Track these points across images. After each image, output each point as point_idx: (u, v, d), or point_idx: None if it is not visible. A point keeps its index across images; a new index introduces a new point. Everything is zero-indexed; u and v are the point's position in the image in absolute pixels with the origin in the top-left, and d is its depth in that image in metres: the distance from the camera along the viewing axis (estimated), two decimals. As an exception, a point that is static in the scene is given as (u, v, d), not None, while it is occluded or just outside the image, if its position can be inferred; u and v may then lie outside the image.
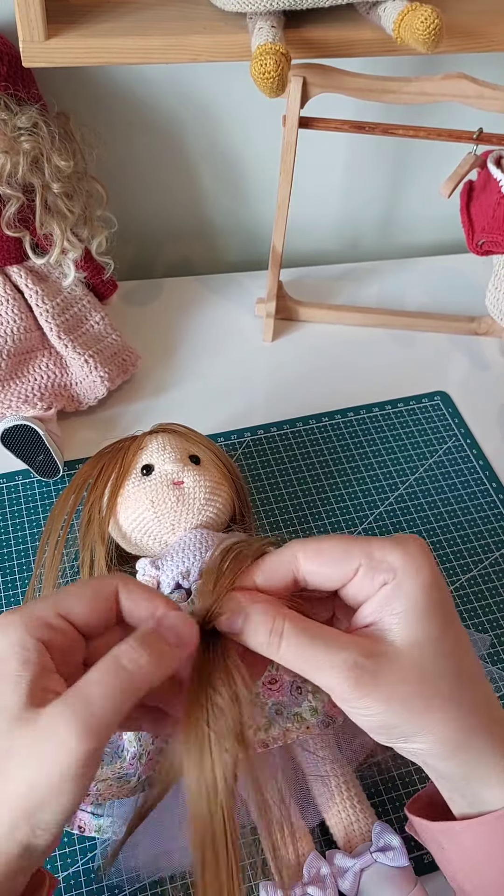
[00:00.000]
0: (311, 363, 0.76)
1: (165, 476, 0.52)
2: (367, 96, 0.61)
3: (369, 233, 0.91)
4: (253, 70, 0.52)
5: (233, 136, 0.77)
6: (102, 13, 0.59)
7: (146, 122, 0.74)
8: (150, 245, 0.85)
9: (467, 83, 0.60)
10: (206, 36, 0.58)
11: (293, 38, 0.57)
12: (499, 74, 0.66)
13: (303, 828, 0.47)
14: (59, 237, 0.63)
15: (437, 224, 0.90)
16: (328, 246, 0.90)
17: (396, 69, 0.72)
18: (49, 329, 0.66)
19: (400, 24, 0.54)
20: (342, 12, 0.59)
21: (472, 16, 0.60)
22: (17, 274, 0.65)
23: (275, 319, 0.76)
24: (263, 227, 0.84)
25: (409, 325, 0.79)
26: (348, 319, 0.79)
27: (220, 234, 0.86)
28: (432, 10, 0.52)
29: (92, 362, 0.67)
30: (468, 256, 0.72)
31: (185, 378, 0.73)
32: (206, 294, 0.81)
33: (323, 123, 0.64)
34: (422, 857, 0.48)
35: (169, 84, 0.72)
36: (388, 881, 0.44)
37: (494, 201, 0.65)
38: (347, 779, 0.48)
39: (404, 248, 0.92)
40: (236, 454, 0.67)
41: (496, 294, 0.71)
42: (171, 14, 0.60)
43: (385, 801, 0.50)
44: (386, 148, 0.81)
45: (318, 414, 0.71)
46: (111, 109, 0.72)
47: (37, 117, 0.60)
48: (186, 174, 0.80)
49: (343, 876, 0.45)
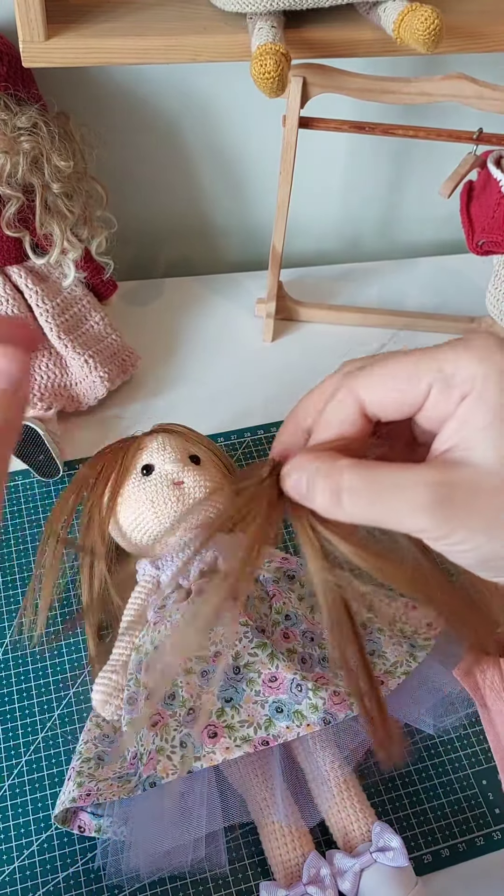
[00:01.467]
0: (311, 363, 0.76)
1: (165, 476, 0.52)
2: (367, 96, 0.61)
3: (369, 233, 0.91)
4: (253, 70, 0.52)
5: (233, 136, 0.77)
6: (102, 13, 0.59)
7: (146, 122, 0.74)
8: (150, 245, 0.85)
9: (467, 83, 0.60)
10: (206, 36, 0.58)
11: (293, 38, 0.57)
12: (499, 74, 0.66)
13: (303, 828, 0.47)
14: (59, 237, 0.63)
15: (437, 224, 0.90)
16: (328, 246, 0.90)
17: (396, 69, 0.72)
18: (49, 329, 0.66)
19: (400, 24, 0.54)
20: (342, 12, 0.59)
21: (472, 16, 0.60)
22: (17, 274, 0.65)
23: (275, 319, 0.76)
24: (263, 227, 0.84)
25: (410, 326, 0.79)
26: (348, 320, 0.79)
27: (220, 234, 0.86)
28: (432, 11, 0.52)
29: (92, 362, 0.67)
30: (468, 256, 0.72)
31: (185, 378, 0.73)
32: (206, 294, 0.81)
33: (323, 123, 0.64)
34: (422, 858, 0.48)
35: (169, 84, 0.72)
36: (387, 881, 0.44)
37: (494, 201, 0.65)
38: (347, 779, 0.48)
39: (404, 248, 0.92)
40: (236, 454, 0.67)
41: (496, 294, 0.71)
42: (170, 14, 0.60)
43: (385, 801, 0.50)
44: (386, 148, 0.81)
45: (318, 414, 0.71)
46: (111, 109, 0.72)
47: (37, 117, 0.60)
48: (186, 174, 0.80)
49: (343, 876, 0.45)
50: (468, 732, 0.53)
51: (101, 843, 0.46)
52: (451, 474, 0.27)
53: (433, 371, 0.28)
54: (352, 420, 0.30)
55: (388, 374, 0.29)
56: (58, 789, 0.49)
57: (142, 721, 0.46)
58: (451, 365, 0.28)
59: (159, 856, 0.43)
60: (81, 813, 0.47)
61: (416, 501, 0.27)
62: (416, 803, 0.50)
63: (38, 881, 0.46)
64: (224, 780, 0.47)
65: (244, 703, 0.46)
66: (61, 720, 0.52)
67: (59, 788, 0.49)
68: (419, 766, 0.51)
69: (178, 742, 0.45)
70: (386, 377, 0.29)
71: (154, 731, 0.45)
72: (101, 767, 0.47)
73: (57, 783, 0.50)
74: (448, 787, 0.51)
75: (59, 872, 0.47)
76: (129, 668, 0.50)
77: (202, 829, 0.43)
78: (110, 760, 0.48)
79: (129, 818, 0.45)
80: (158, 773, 0.43)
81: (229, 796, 0.46)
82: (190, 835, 0.43)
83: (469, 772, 0.51)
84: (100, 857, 0.46)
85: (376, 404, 0.29)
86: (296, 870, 0.45)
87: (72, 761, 0.48)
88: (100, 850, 0.46)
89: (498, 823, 0.49)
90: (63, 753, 0.51)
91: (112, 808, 0.45)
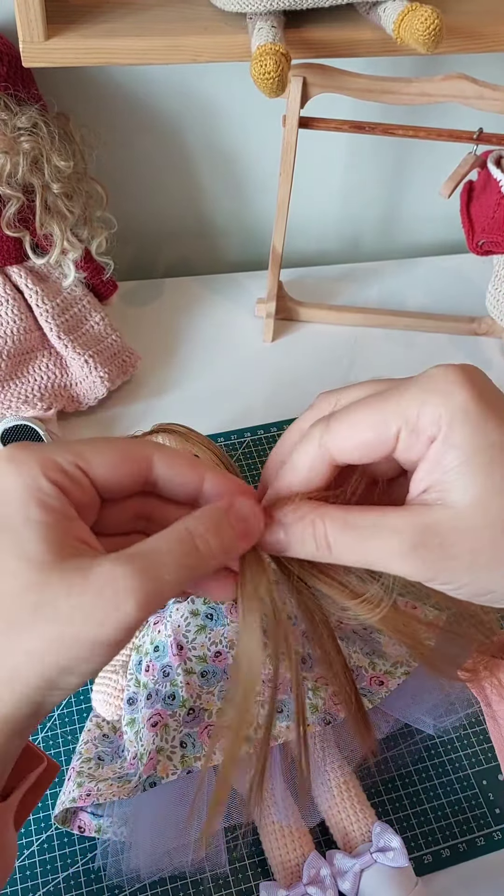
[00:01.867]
0: (311, 363, 0.76)
1: (165, 476, 0.52)
2: (367, 96, 0.61)
3: (369, 233, 0.91)
4: (253, 70, 0.52)
5: (233, 136, 0.77)
6: (102, 13, 0.59)
7: (146, 122, 0.74)
8: (150, 245, 0.85)
9: (467, 84, 0.60)
10: (206, 36, 0.58)
11: (293, 38, 0.57)
12: (499, 74, 0.66)
13: (303, 828, 0.47)
14: (59, 237, 0.63)
15: (437, 224, 0.90)
16: (328, 246, 0.90)
17: (396, 69, 0.72)
18: (49, 329, 0.66)
19: (400, 24, 0.54)
20: (342, 12, 0.59)
21: (472, 16, 0.60)
22: (17, 274, 0.65)
23: (275, 320, 0.76)
24: (263, 227, 0.84)
25: (410, 326, 0.79)
26: (348, 320, 0.79)
27: (220, 234, 0.86)
28: (432, 11, 0.52)
29: (92, 362, 0.67)
30: (468, 256, 0.72)
31: (185, 378, 0.73)
32: (206, 294, 0.81)
33: (323, 123, 0.64)
34: (422, 858, 0.48)
35: (169, 84, 0.72)
36: (388, 881, 0.44)
37: (494, 201, 0.65)
38: (347, 779, 0.48)
39: (405, 249, 0.92)
40: (236, 454, 0.67)
41: (496, 294, 0.71)
42: (171, 15, 0.60)
43: (385, 801, 0.50)
44: (386, 148, 0.81)
45: (318, 414, 0.71)
46: (111, 110, 0.72)
47: (37, 117, 0.60)
48: (186, 174, 0.80)
49: (343, 876, 0.45)
50: (468, 732, 0.53)
51: (101, 843, 0.46)
52: (427, 518, 0.28)
53: (399, 417, 0.28)
54: (319, 469, 0.30)
55: (355, 425, 0.29)
56: (58, 789, 0.49)
57: None
58: (415, 409, 0.28)
59: (159, 856, 0.43)
60: (81, 813, 0.47)
61: (396, 549, 0.28)
62: (416, 803, 0.50)
63: (38, 881, 0.46)
64: (224, 780, 0.47)
65: (244, 704, 0.46)
66: (61, 720, 0.52)
67: (59, 788, 0.49)
68: (419, 766, 0.51)
69: (178, 742, 0.45)
70: (353, 429, 0.29)
71: (154, 731, 0.45)
72: (101, 767, 0.47)
73: (57, 783, 0.50)
74: (448, 787, 0.51)
75: (59, 872, 0.47)
76: (129, 668, 0.50)
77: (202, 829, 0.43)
78: (110, 761, 0.48)
79: (129, 818, 0.45)
80: (158, 773, 0.43)
81: (229, 796, 0.46)
82: (190, 835, 0.43)
83: (469, 772, 0.51)
84: (100, 857, 0.46)
85: (346, 454, 0.30)
86: (296, 870, 0.45)
87: (72, 761, 0.48)
88: (100, 851, 0.46)
89: (498, 823, 0.49)
90: (63, 753, 0.51)
91: (112, 808, 0.45)
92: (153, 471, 0.30)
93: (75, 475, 0.28)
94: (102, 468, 0.29)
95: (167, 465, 0.30)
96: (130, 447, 0.30)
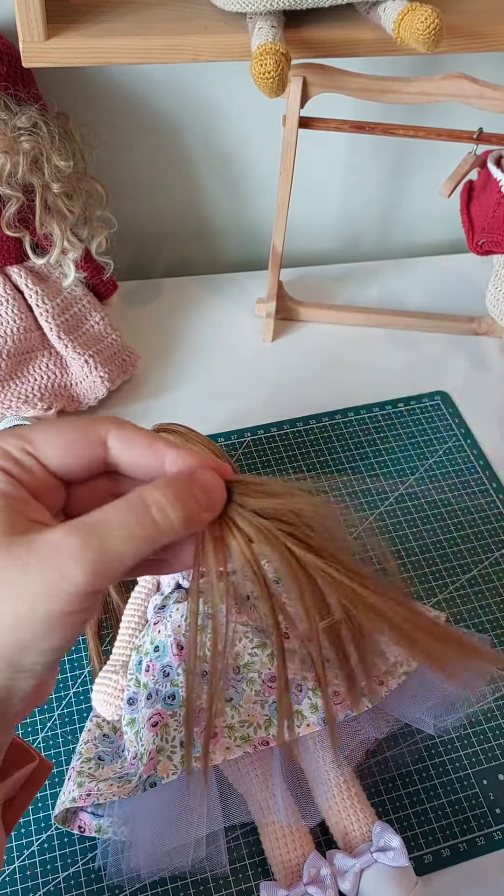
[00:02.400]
0: (311, 363, 0.76)
1: (165, 476, 0.52)
2: (367, 96, 0.61)
3: (369, 233, 0.91)
4: (253, 70, 0.52)
5: (233, 136, 0.77)
6: (102, 13, 0.59)
7: (146, 122, 0.74)
8: (150, 245, 0.85)
9: (467, 83, 0.60)
10: (206, 36, 0.58)
11: (293, 38, 0.57)
12: (499, 74, 0.66)
13: (303, 828, 0.47)
14: (59, 237, 0.63)
15: (436, 224, 0.90)
16: (328, 246, 0.90)
17: (396, 69, 0.72)
18: (49, 329, 0.66)
19: (400, 23, 0.54)
20: (342, 12, 0.59)
21: (472, 16, 0.60)
22: (17, 274, 0.65)
23: (275, 319, 0.76)
24: (263, 227, 0.84)
25: (410, 325, 0.79)
26: (348, 319, 0.79)
27: (220, 234, 0.86)
28: (432, 10, 0.52)
29: (92, 362, 0.67)
30: (468, 256, 0.72)
31: (185, 378, 0.73)
32: (205, 294, 0.81)
33: (323, 123, 0.64)
34: (422, 858, 0.48)
35: (169, 84, 0.72)
36: (388, 881, 0.44)
37: (494, 201, 0.65)
38: (347, 779, 0.48)
39: (404, 248, 0.92)
40: (236, 454, 0.67)
41: (496, 294, 0.71)
42: (171, 14, 0.60)
43: (385, 801, 0.50)
44: (386, 148, 0.81)
45: (318, 414, 0.71)
46: (111, 109, 0.72)
47: (37, 117, 0.60)
48: (186, 174, 0.80)
49: (343, 876, 0.45)
50: (468, 732, 0.53)
51: (101, 843, 0.46)
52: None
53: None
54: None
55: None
56: (58, 789, 0.49)
57: None
58: None
59: (160, 856, 0.43)
60: (82, 813, 0.47)
61: None
62: (416, 803, 0.50)
63: (39, 881, 0.46)
64: (224, 780, 0.47)
65: (244, 703, 0.46)
66: (61, 720, 0.52)
67: (59, 788, 0.49)
68: (419, 766, 0.51)
69: (178, 742, 0.45)
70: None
71: (154, 731, 0.45)
72: (101, 767, 0.47)
73: (57, 783, 0.50)
74: (448, 787, 0.51)
75: (59, 872, 0.47)
76: (129, 668, 0.50)
77: (202, 829, 0.43)
78: (110, 761, 0.48)
79: (129, 818, 0.45)
80: (158, 773, 0.43)
81: (229, 796, 0.46)
82: (190, 835, 0.43)
83: (469, 772, 0.51)
84: (100, 857, 0.46)
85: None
86: (296, 870, 0.45)
87: (72, 761, 0.48)
88: (100, 851, 0.46)
89: (498, 823, 0.49)
90: (63, 753, 0.51)
91: (112, 808, 0.45)
92: (110, 452, 0.30)
93: (24, 461, 0.28)
94: (52, 452, 0.29)
95: (124, 447, 0.29)
96: (83, 430, 0.29)
